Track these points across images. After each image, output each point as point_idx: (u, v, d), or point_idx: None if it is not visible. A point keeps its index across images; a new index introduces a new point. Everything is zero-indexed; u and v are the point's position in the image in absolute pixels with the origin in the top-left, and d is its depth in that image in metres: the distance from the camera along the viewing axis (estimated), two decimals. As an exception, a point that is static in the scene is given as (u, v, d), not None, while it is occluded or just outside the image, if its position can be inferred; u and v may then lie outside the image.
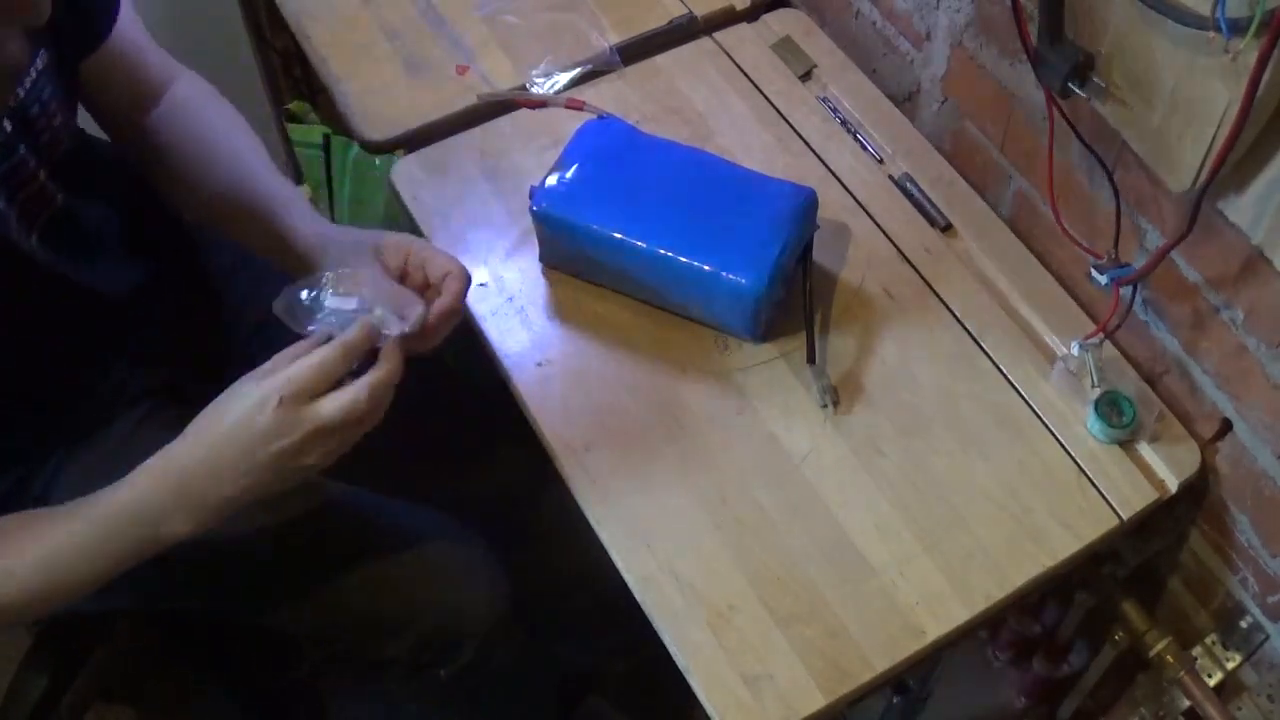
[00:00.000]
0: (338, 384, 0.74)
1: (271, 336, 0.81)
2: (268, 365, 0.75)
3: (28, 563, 0.74)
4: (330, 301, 0.79)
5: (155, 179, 0.97)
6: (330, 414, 0.73)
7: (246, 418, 0.72)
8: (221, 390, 0.76)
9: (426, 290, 0.86)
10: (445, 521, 1.07)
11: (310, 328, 0.78)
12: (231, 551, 0.91)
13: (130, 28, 0.94)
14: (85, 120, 0.94)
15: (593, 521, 0.89)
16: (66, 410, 0.92)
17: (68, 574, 0.75)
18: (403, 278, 0.86)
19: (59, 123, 0.87)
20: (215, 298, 1.08)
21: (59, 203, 0.87)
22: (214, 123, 0.98)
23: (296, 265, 0.90)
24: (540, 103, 1.09)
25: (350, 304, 0.79)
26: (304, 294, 0.79)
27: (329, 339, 0.76)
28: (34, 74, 0.85)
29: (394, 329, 0.79)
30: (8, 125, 0.82)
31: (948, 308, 1.00)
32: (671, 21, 1.19)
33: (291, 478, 0.75)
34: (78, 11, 0.87)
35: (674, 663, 0.84)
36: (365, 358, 0.77)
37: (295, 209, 0.92)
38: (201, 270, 1.08)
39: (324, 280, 0.79)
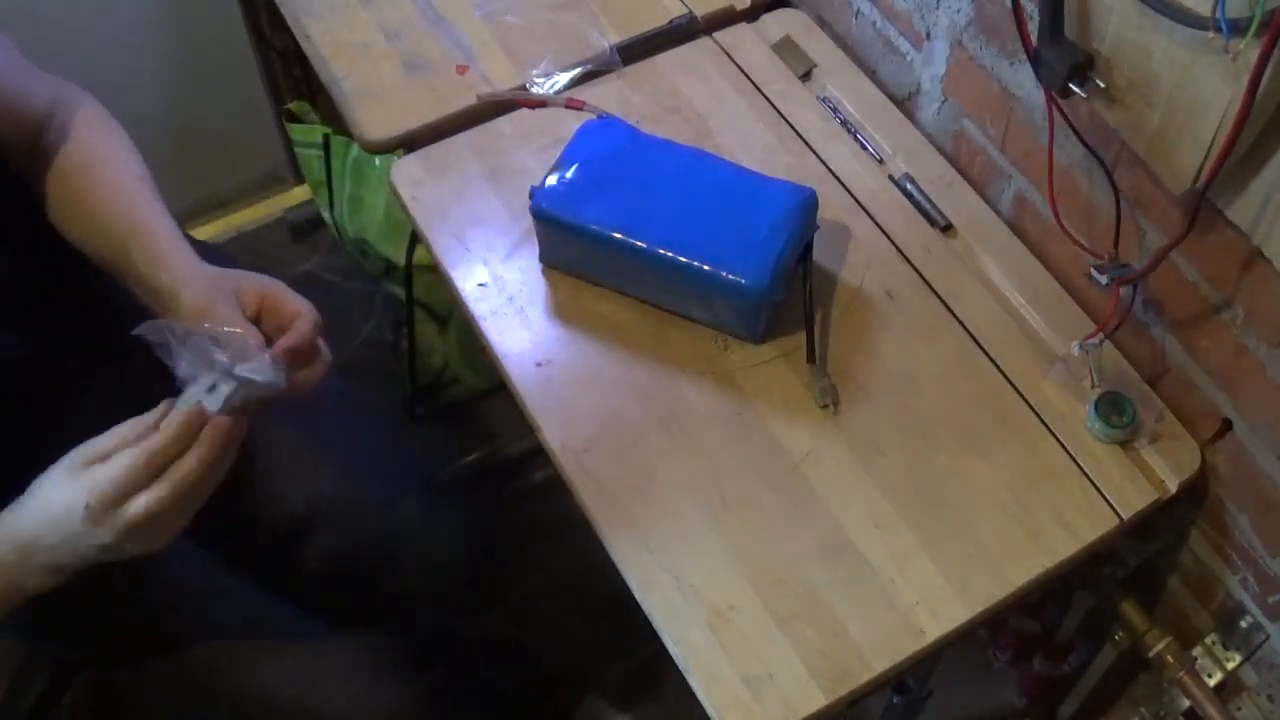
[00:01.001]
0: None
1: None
2: (97, 444, 0.75)
3: None
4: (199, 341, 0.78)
5: (45, 206, 0.92)
6: (137, 515, 0.73)
7: (63, 514, 0.73)
8: None
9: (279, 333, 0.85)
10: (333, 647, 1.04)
11: (177, 360, 0.77)
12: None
13: (4, 62, 0.88)
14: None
15: (593, 521, 0.89)
16: None
17: None
18: (258, 320, 0.85)
19: None
20: (122, 357, 1.00)
21: None
22: (97, 147, 0.93)
23: (156, 299, 0.87)
24: (540, 103, 1.09)
25: (222, 354, 0.78)
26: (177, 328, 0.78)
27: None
28: None
29: (264, 375, 0.78)
30: None
31: (948, 307, 1.00)
32: (671, 21, 1.19)
33: (129, 553, 0.75)
34: None
35: (674, 662, 0.84)
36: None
37: (166, 241, 0.88)
38: (109, 327, 1.00)
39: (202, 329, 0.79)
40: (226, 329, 0.81)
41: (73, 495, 0.73)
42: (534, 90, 1.13)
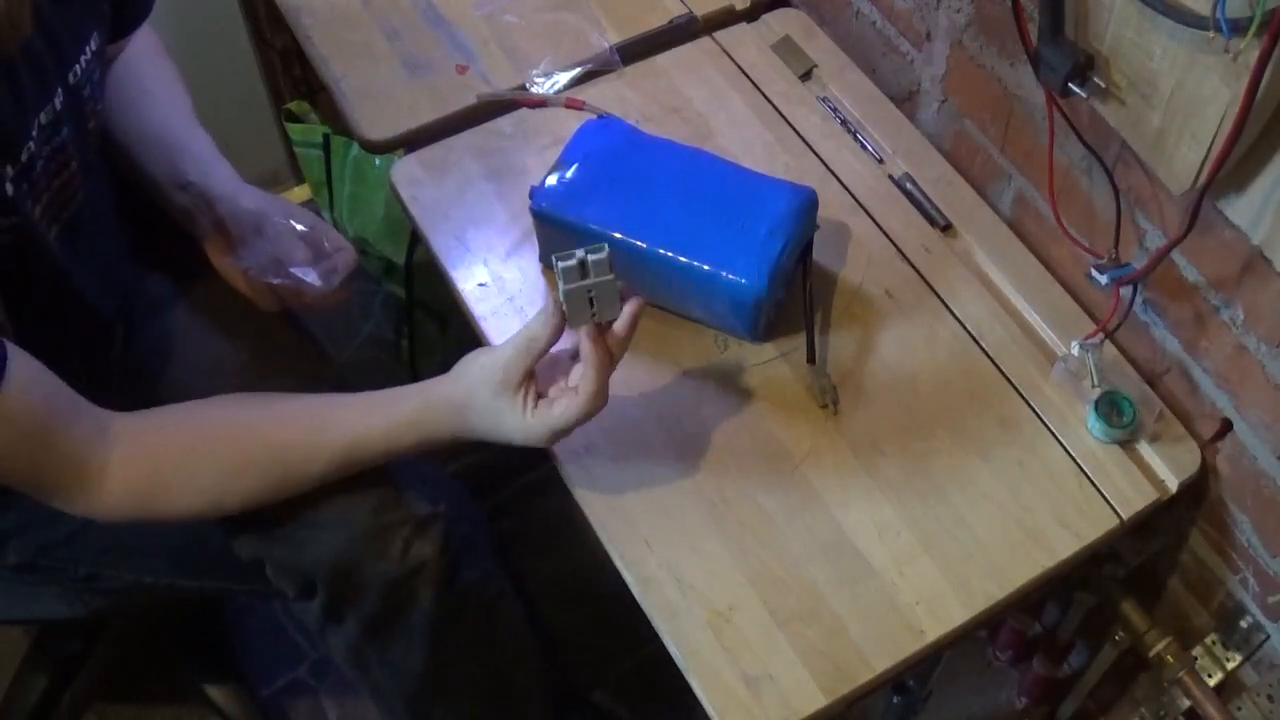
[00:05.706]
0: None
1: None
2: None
3: (334, 443, 0.85)
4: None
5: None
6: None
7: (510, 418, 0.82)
8: None
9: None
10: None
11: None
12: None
13: None
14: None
15: (593, 521, 0.89)
16: None
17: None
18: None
19: (99, 110, 0.85)
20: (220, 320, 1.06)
21: (80, 199, 0.84)
22: (150, 74, 1.01)
23: (208, 203, 0.96)
24: (540, 103, 1.09)
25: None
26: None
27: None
28: (89, 54, 0.82)
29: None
30: (59, 101, 0.79)
31: (948, 308, 1.00)
32: (671, 21, 1.19)
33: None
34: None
35: (674, 662, 0.84)
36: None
37: (215, 153, 0.99)
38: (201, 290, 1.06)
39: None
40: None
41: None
42: (534, 90, 1.13)
